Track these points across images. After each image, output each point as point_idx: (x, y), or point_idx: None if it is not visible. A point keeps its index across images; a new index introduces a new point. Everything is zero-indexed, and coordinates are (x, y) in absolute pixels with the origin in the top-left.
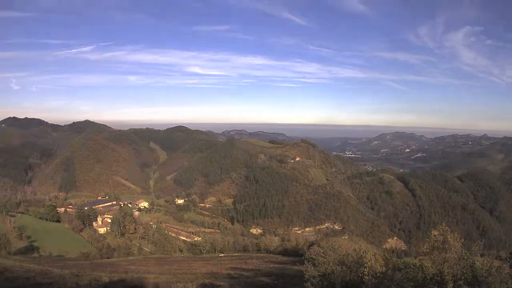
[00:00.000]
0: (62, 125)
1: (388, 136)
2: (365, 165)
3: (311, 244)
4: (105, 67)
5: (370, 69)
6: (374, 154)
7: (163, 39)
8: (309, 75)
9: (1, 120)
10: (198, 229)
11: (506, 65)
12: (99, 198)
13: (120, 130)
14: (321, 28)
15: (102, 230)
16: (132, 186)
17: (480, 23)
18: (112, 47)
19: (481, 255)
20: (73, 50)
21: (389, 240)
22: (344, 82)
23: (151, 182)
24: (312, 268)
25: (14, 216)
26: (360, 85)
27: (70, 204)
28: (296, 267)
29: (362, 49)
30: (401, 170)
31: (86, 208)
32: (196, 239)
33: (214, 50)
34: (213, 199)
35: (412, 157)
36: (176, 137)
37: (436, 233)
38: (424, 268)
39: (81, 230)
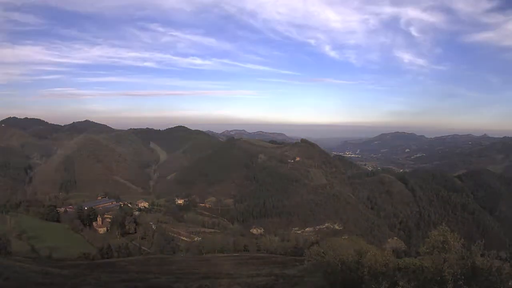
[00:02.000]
0: (62, 125)
1: (388, 136)
2: (365, 165)
3: (312, 244)
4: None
5: (370, 68)
6: (374, 154)
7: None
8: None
9: (1, 120)
10: (198, 229)
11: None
12: (99, 198)
13: (120, 130)
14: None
15: (102, 230)
16: (132, 186)
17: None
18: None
19: (481, 255)
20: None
21: (389, 240)
22: (345, 82)
23: (151, 182)
24: (312, 268)
25: (14, 216)
26: (360, 84)
27: (70, 204)
28: (296, 267)
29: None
30: (401, 170)
31: (86, 208)
32: (196, 239)
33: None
34: (213, 199)
35: (412, 157)
36: (176, 137)
37: (436, 233)
38: (424, 268)
39: (81, 230)
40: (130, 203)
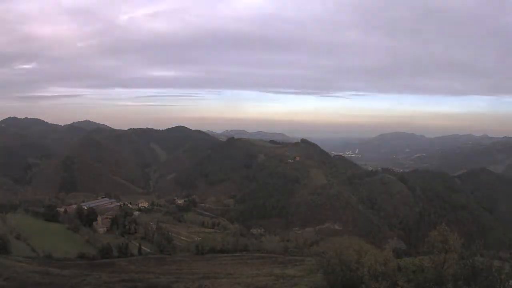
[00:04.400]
0: (62, 125)
1: (388, 136)
2: (365, 165)
3: (312, 244)
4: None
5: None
6: (374, 154)
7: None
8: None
9: (1, 120)
10: (198, 229)
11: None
12: (99, 198)
13: (120, 130)
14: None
15: (102, 230)
16: (132, 186)
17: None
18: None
19: (481, 255)
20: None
21: (389, 240)
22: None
23: (151, 182)
24: (312, 268)
25: (14, 216)
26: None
27: (70, 204)
28: (296, 267)
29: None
30: (401, 170)
31: (86, 208)
32: (196, 239)
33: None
34: (213, 199)
35: (412, 157)
36: (176, 137)
37: (436, 233)
38: (424, 268)
39: (80, 230)
40: (130, 203)
